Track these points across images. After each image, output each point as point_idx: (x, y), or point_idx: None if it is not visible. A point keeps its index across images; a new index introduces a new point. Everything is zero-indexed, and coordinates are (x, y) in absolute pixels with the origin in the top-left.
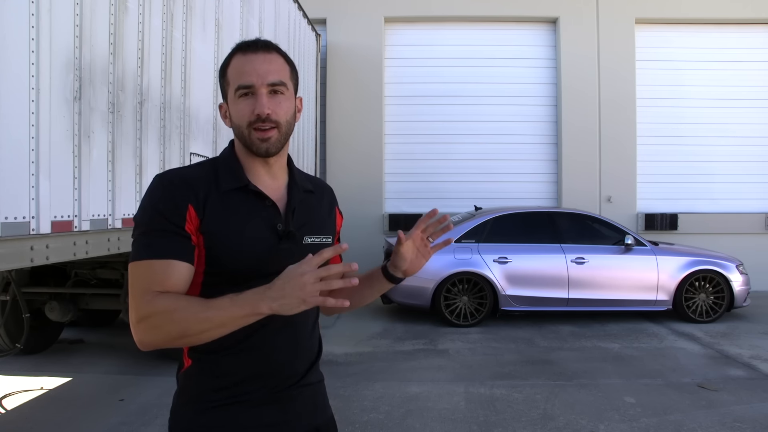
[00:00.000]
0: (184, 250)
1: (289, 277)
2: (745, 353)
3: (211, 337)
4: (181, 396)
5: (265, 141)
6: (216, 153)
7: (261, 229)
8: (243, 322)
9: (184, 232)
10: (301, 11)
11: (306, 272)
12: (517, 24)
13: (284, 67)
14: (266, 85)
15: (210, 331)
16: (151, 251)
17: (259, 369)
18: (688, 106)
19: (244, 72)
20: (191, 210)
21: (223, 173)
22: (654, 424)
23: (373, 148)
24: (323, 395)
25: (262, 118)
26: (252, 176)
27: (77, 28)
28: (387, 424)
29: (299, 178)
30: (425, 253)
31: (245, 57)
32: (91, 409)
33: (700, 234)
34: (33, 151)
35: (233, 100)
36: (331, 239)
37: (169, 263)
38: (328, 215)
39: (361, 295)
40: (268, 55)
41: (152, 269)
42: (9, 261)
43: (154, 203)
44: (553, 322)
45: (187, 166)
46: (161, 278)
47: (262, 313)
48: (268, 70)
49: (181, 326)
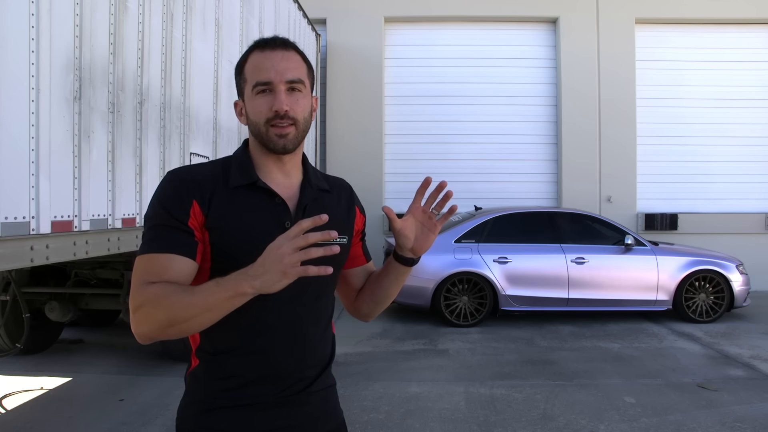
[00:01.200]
0: (185, 245)
1: (268, 252)
2: (745, 353)
3: (202, 324)
4: (188, 396)
5: (282, 137)
6: (216, 153)
7: (268, 225)
8: (229, 305)
9: (187, 228)
10: (301, 11)
11: (282, 244)
12: (517, 24)
13: (302, 65)
14: (285, 82)
15: (198, 317)
16: (153, 245)
17: (265, 372)
18: (688, 106)
19: (263, 68)
20: (195, 206)
21: (234, 170)
22: (654, 424)
23: (373, 148)
24: (334, 400)
25: (280, 115)
26: (264, 174)
27: (77, 28)
28: (387, 424)
29: (314, 177)
30: (431, 226)
31: (263, 54)
32: (91, 409)
33: (700, 234)
34: (33, 151)
35: (250, 96)
36: (347, 239)
37: (169, 257)
38: (346, 215)
39: (380, 286)
40: (286, 52)
41: (152, 263)
42: (9, 261)
43: (161, 199)
44: (553, 322)
45: (200, 164)
46: (159, 271)
47: (245, 293)
48: (287, 68)
49: (169, 313)
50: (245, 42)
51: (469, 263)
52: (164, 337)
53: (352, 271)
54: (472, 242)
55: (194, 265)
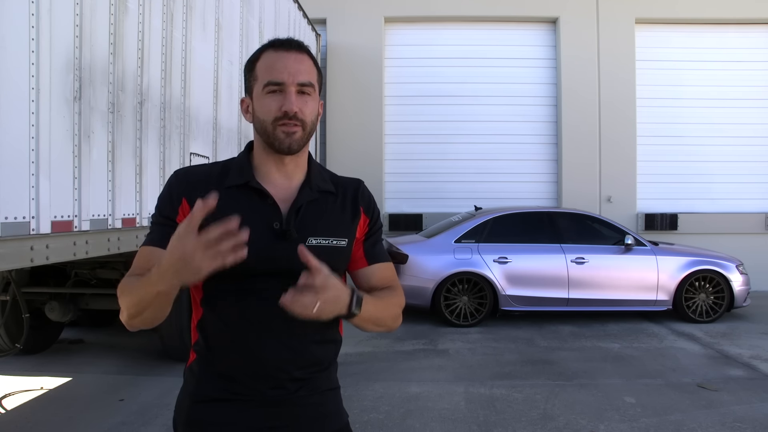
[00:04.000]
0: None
1: (172, 252)
2: (745, 353)
3: (155, 315)
4: (184, 389)
5: (289, 136)
6: (216, 153)
7: (258, 226)
8: (159, 300)
9: (175, 224)
10: (301, 11)
11: (185, 243)
12: (517, 24)
13: (313, 69)
14: (296, 84)
15: (147, 310)
16: (146, 240)
17: (254, 371)
18: (688, 106)
19: (276, 69)
20: (185, 204)
21: (232, 171)
22: (654, 424)
23: (373, 148)
24: (336, 403)
25: (289, 116)
26: (262, 175)
27: (77, 28)
28: (387, 424)
29: (317, 179)
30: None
31: (277, 54)
32: (91, 409)
33: (700, 234)
34: (33, 151)
35: (260, 95)
36: (347, 242)
37: (152, 250)
38: (349, 217)
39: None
40: (300, 55)
41: (139, 256)
42: (9, 261)
43: (159, 198)
44: (553, 322)
45: (203, 164)
46: (143, 263)
47: (164, 292)
48: (299, 70)
49: (128, 304)
50: (245, 42)
51: (469, 263)
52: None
53: (356, 273)
54: (472, 242)
55: None
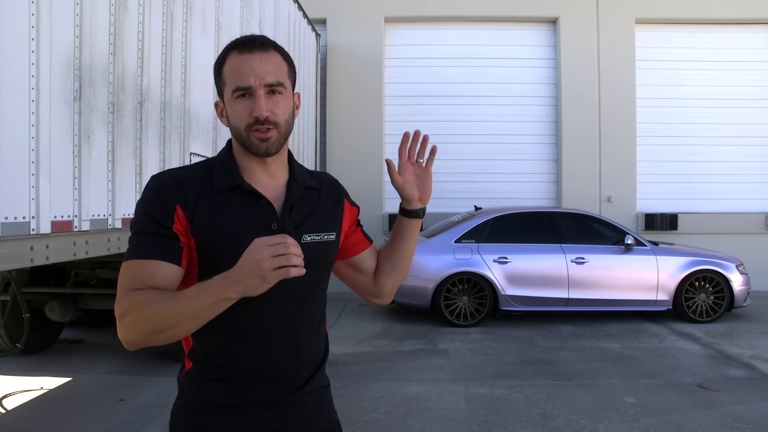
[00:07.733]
0: (170, 251)
1: (247, 256)
2: (745, 353)
3: (187, 330)
4: (182, 397)
5: (264, 141)
6: (216, 153)
7: (255, 228)
8: (213, 310)
9: (172, 233)
10: (301, 11)
11: (261, 248)
12: (517, 24)
13: (282, 65)
14: (264, 87)
15: (183, 324)
16: (138, 252)
17: (259, 373)
18: (688, 106)
19: (241, 73)
20: (179, 211)
21: (218, 173)
22: (654, 424)
23: (373, 148)
24: (328, 400)
25: (260, 121)
26: (248, 175)
27: (77, 28)
28: (387, 424)
29: (300, 176)
30: (424, 174)
31: (241, 56)
32: (91, 409)
33: (700, 234)
34: (33, 151)
35: (230, 100)
36: (335, 235)
37: (153, 263)
38: (333, 211)
39: (396, 250)
40: (265, 54)
41: (137, 269)
42: (9, 261)
43: (145, 205)
44: (553, 322)
45: (182, 167)
46: (144, 278)
47: (229, 298)
48: (266, 71)
49: (153, 321)
50: None
51: (469, 263)
52: (150, 344)
53: (360, 256)
54: (472, 242)
55: (179, 271)
